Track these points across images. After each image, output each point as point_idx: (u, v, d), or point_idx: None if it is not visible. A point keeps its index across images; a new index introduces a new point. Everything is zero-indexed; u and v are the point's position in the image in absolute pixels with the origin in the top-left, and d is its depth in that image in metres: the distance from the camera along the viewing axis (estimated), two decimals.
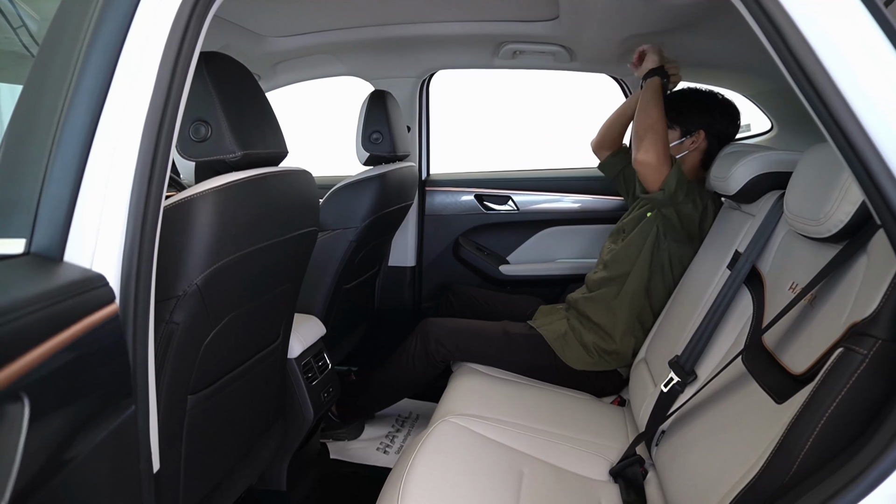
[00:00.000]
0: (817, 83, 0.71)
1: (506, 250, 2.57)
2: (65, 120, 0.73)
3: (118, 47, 0.78)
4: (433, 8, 1.86)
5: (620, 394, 1.85)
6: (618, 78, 2.37)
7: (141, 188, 0.77)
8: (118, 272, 0.73)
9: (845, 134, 0.71)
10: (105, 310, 0.62)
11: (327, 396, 1.72)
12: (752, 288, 1.29)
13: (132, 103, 0.78)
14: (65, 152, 0.72)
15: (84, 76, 0.76)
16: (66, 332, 0.53)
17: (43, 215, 0.69)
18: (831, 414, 0.79)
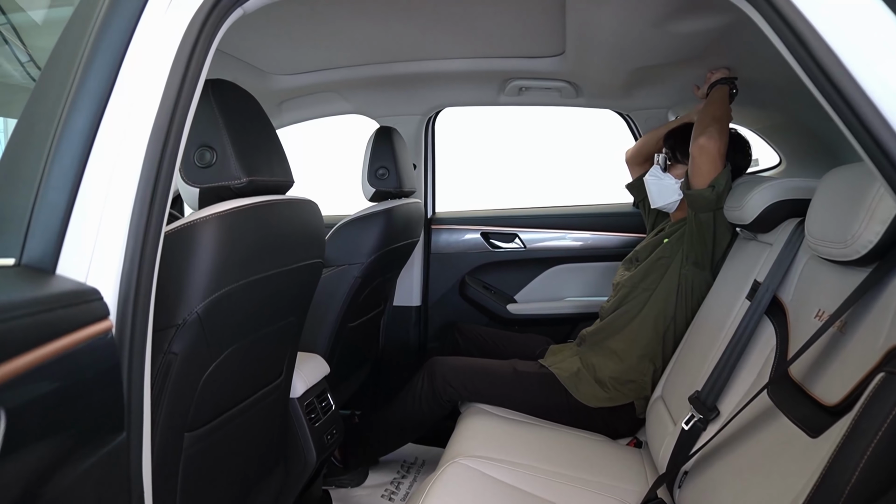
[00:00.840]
0: (846, 92, 0.69)
1: (513, 289, 2.53)
2: (61, 134, 0.71)
3: (115, 68, 0.77)
4: (438, 45, 1.87)
5: (637, 435, 1.77)
6: (623, 113, 2.37)
7: (142, 210, 0.75)
8: (115, 295, 0.69)
9: (878, 141, 0.68)
10: (98, 325, 0.58)
11: (331, 439, 1.65)
12: (774, 318, 1.23)
13: (134, 122, 0.76)
14: (61, 164, 0.69)
15: (80, 95, 0.74)
16: (53, 344, 0.49)
17: (36, 229, 0.65)
18: (878, 443, 0.73)
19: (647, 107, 2.25)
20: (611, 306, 1.88)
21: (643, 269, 1.80)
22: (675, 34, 1.39)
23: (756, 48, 1.53)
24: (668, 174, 1.80)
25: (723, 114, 1.62)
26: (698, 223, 1.64)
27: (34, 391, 0.46)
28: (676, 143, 1.79)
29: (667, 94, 2.15)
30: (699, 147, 1.58)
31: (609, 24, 1.36)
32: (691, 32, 1.37)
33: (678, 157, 1.78)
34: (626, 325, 1.80)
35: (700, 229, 1.64)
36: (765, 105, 1.97)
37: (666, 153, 1.83)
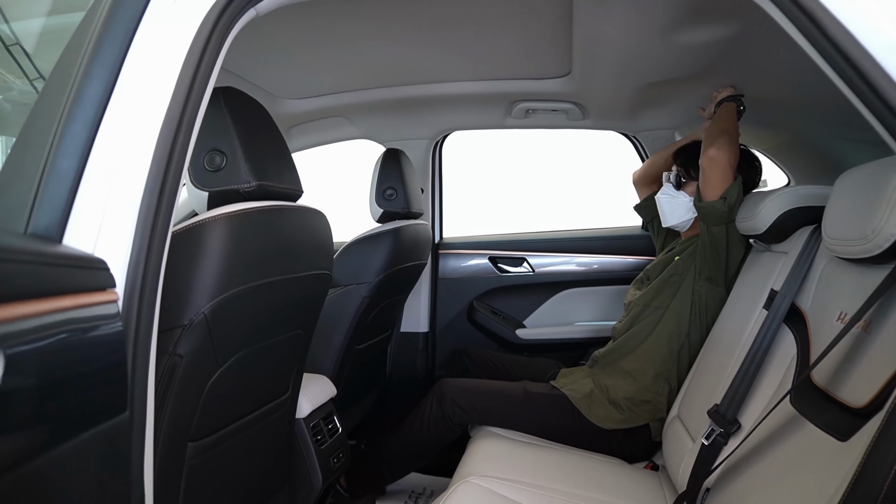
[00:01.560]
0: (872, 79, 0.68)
1: (522, 314, 2.49)
2: (65, 123, 0.70)
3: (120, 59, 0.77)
4: (446, 67, 1.90)
5: (653, 459, 1.71)
6: (630, 135, 2.38)
7: (150, 204, 0.74)
8: (121, 285, 0.68)
9: None
10: (104, 294, 0.57)
11: (337, 462, 1.60)
12: (793, 326, 1.20)
13: (144, 118, 0.76)
14: (64, 158, 0.68)
15: (84, 88, 0.74)
16: (57, 301, 0.47)
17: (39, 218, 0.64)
18: None
19: (654, 128, 2.26)
20: (623, 326, 1.84)
21: (655, 287, 1.78)
22: (681, 46, 1.40)
23: (761, 65, 1.54)
24: (681, 192, 1.79)
25: (731, 127, 1.62)
26: (711, 237, 1.62)
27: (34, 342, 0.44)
28: (688, 160, 1.79)
29: (673, 115, 2.16)
30: (709, 158, 1.58)
31: (616, 36, 1.38)
32: (697, 44, 1.38)
33: (691, 173, 1.77)
34: (639, 345, 1.76)
35: (713, 243, 1.62)
36: (771, 124, 1.97)
37: (678, 171, 1.82)
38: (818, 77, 0.77)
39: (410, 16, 1.50)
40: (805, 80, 1.52)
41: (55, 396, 0.47)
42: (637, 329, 1.78)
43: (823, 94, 1.57)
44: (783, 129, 1.97)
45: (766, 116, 1.93)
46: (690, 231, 1.81)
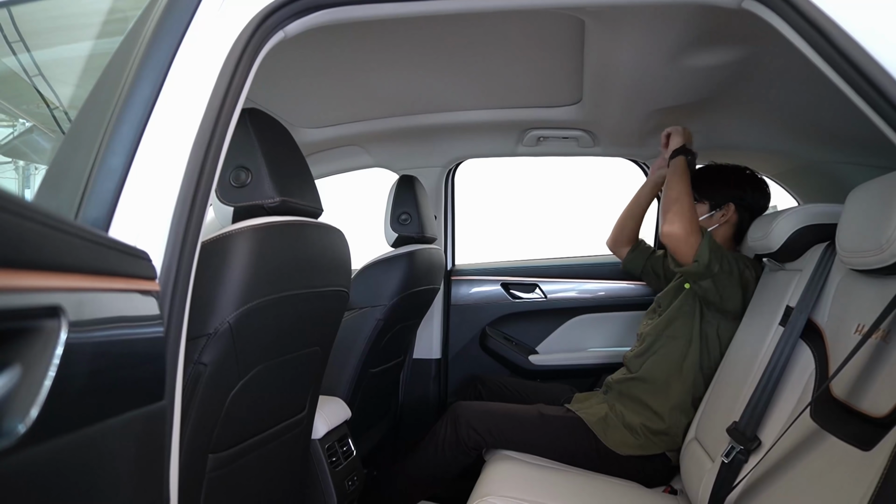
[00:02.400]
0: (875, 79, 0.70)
1: (535, 340, 2.49)
2: (114, 126, 0.74)
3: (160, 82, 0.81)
4: (459, 96, 1.94)
5: (671, 483, 1.69)
6: (639, 161, 2.41)
7: (183, 210, 0.76)
8: None
9: None
10: (147, 283, 0.59)
11: (352, 486, 1.59)
12: (810, 342, 1.20)
13: (178, 133, 0.80)
14: (113, 153, 0.71)
15: (126, 107, 0.78)
16: (109, 280, 0.50)
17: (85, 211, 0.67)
18: None
19: None
20: (636, 355, 1.83)
21: (667, 318, 1.77)
22: (690, 71, 1.44)
23: (769, 91, 1.58)
24: None
25: (679, 192, 1.64)
26: (702, 290, 1.64)
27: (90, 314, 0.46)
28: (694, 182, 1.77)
29: None
30: (666, 236, 1.61)
31: (626, 61, 1.42)
32: (706, 67, 1.41)
33: (696, 196, 1.76)
34: (654, 377, 1.74)
35: (706, 294, 1.64)
36: (781, 150, 2.00)
37: None
38: (826, 102, 0.80)
39: (424, 46, 1.55)
40: (813, 105, 1.56)
41: (105, 370, 0.49)
42: (652, 361, 1.76)
43: (832, 119, 1.60)
44: (792, 154, 2.00)
45: (775, 142, 1.96)
46: None
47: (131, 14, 0.93)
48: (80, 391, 0.44)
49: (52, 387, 0.39)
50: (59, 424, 0.42)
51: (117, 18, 1.49)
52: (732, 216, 1.76)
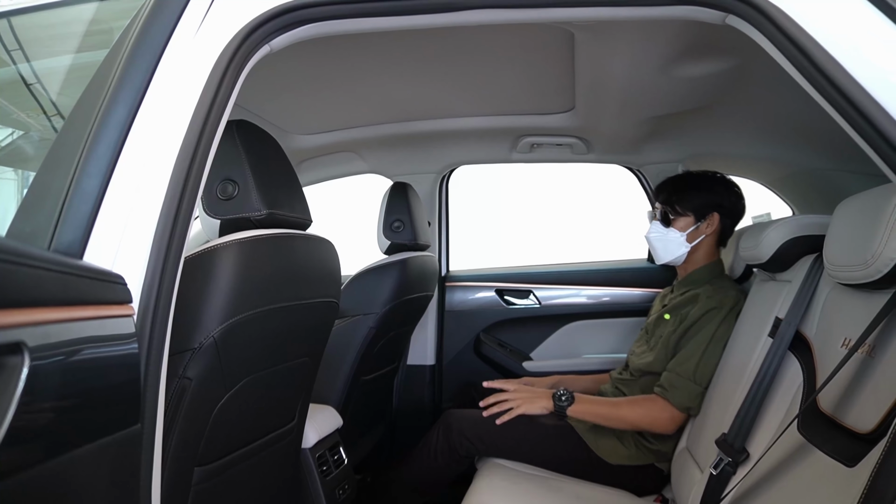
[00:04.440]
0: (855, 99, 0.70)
1: (529, 346, 2.49)
2: (89, 149, 0.74)
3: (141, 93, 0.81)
4: (453, 103, 1.95)
5: (662, 493, 1.69)
6: (633, 168, 2.41)
7: (165, 227, 0.76)
8: (135, 305, 0.70)
9: (893, 146, 0.69)
10: (122, 307, 0.59)
11: (342, 494, 1.58)
12: (798, 354, 1.20)
13: (160, 148, 0.79)
14: (86, 183, 0.71)
15: (105, 121, 0.78)
16: (79, 310, 0.49)
17: (62, 240, 0.67)
18: None
19: (657, 161, 2.29)
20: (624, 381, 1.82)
21: (654, 352, 1.73)
22: (682, 80, 1.44)
23: (762, 99, 1.58)
24: (671, 228, 1.75)
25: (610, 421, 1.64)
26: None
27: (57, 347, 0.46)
28: (673, 195, 1.76)
29: (676, 149, 2.19)
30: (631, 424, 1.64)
31: (618, 72, 1.42)
32: (698, 77, 1.41)
33: (677, 209, 1.75)
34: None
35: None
36: (774, 157, 2.00)
37: (663, 208, 1.78)
38: (817, 110, 0.80)
39: (418, 54, 1.55)
40: (805, 113, 1.55)
41: (74, 400, 0.49)
42: (640, 388, 1.75)
43: (823, 127, 1.60)
44: (785, 162, 2.00)
45: (769, 149, 1.96)
46: (686, 265, 1.80)
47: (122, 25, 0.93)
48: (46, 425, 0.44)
49: (12, 424, 0.39)
50: (22, 460, 0.42)
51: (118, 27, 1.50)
52: (717, 224, 1.75)
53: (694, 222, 1.74)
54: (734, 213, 1.76)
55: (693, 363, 1.58)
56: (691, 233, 1.74)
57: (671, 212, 1.76)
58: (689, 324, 1.63)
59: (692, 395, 1.56)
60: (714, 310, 1.61)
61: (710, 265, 1.76)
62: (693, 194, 1.75)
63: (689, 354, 1.60)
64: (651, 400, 1.62)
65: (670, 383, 1.59)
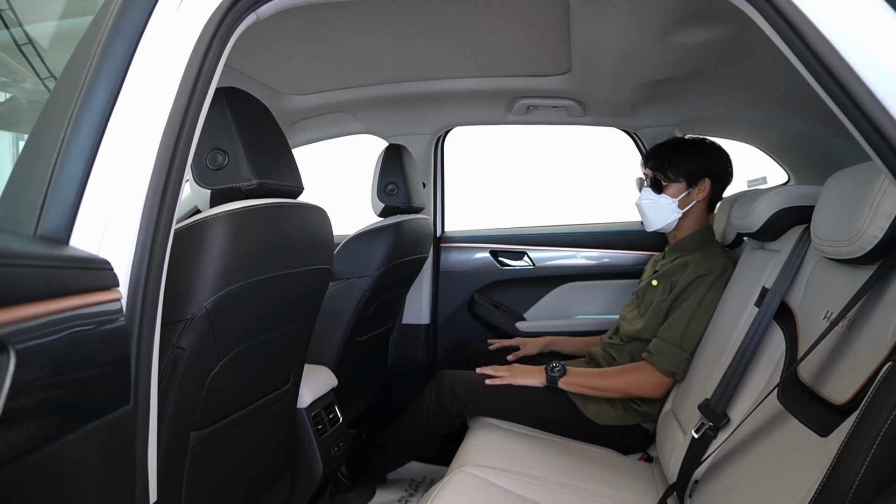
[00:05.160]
0: (848, 86, 0.70)
1: (522, 307, 2.52)
2: (72, 129, 0.73)
3: (125, 65, 0.80)
4: (448, 64, 1.91)
5: (647, 451, 1.74)
6: (630, 131, 2.39)
7: (153, 203, 0.77)
8: (125, 284, 0.71)
9: (883, 135, 0.68)
10: (108, 293, 0.60)
11: (338, 451, 1.63)
12: (782, 324, 1.23)
13: (147, 120, 0.79)
14: (71, 162, 0.71)
15: (89, 97, 0.77)
16: (64, 301, 0.51)
17: (48, 221, 0.67)
18: (884, 436, 0.72)
19: (654, 125, 2.27)
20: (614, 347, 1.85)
21: (644, 319, 1.76)
22: (677, 46, 1.41)
23: (759, 64, 1.55)
24: (663, 195, 1.75)
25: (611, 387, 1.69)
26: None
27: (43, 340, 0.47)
28: (664, 161, 1.75)
29: (673, 112, 2.17)
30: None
31: (612, 39, 1.39)
32: (694, 44, 1.39)
33: (670, 176, 1.74)
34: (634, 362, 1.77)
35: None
36: (771, 122, 1.98)
37: (656, 176, 1.76)
38: None
39: (413, 14, 1.51)
40: (802, 80, 1.53)
41: (62, 389, 0.51)
42: (629, 354, 1.79)
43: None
44: (782, 127, 1.98)
45: (766, 115, 1.94)
46: (677, 232, 1.81)
47: None
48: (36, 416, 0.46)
49: (2, 418, 0.41)
50: (14, 451, 0.43)
51: None
52: (708, 190, 1.76)
53: (686, 188, 1.74)
54: (724, 179, 1.77)
55: (680, 330, 1.61)
56: (683, 199, 1.74)
57: (663, 178, 1.75)
58: (678, 291, 1.66)
59: (677, 361, 1.60)
60: (703, 277, 1.63)
61: (700, 231, 1.78)
62: (685, 160, 1.74)
63: (676, 321, 1.63)
64: (638, 368, 1.66)
65: (657, 349, 1.63)
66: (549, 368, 1.74)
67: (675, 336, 1.62)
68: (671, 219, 1.76)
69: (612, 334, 1.91)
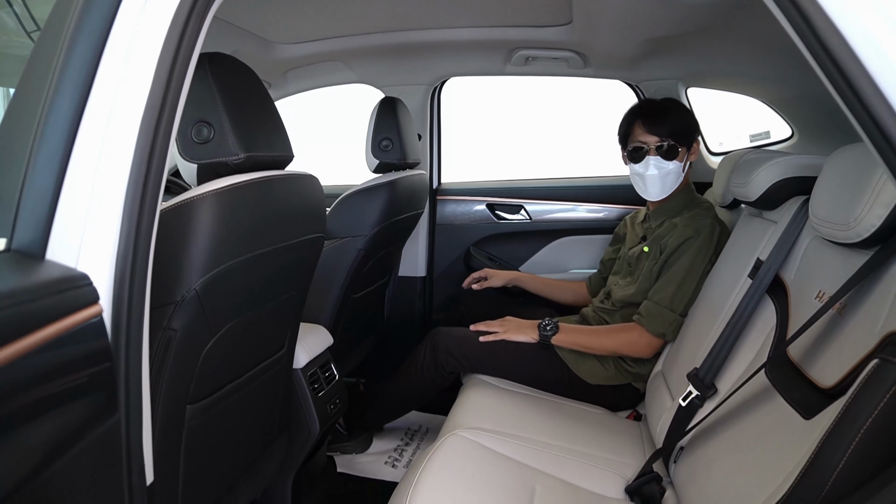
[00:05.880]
0: (849, 73, 0.67)
1: (518, 260, 2.53)
2: (48, 112, 0.70)
3: (101, 42, 0.76)
4: (444, 14, 1.83)
5: (636, 408, 1.79)
6: (632, 84, 2.32)
7: (136, 188, 0.74)
8: (110, 272, 0.70)
9: (880, 126, 0.66)
10: (87, 311, 0.59)
11: (334, 409, 1.67)
12: (775, 298, 1.23)
13: (125, 99, 0.75)
14: (48, 144, 0.69)
15: (66, 71, 0.74)
16: (39, 333, 0.50)
17: (24, 211, 0.65)
18: (867, 430, 0.74)
19: (656, 78, 2.20)
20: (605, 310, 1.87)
21: (637, 284, 1.77)
22: (683, 5, 1.35)
23: (765, 18, 1.48)
24: (674, 161, 1.70)
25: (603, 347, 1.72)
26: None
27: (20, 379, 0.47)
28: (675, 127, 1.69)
29: (676, 65, 2.10)
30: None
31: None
32: (700, 3, 1.33)
33: (680, 140, 1.69)
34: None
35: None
36: (777, 77, 1.92)
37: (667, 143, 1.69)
38: None
39: None
40: None
41: (45, 416, 0.50)
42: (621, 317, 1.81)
43: None
44: (789, 81, 1.92)
45: (772, 68, 1.87)
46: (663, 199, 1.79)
47: None
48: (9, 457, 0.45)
49: None
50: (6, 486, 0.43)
51: None
52: (697, 150, 1.76)
53: (686, 151, 1.72)
54: (700, 133, 1.81)
55: (670, 291, 1.63)
56: (684, 163, 1.72)
57: (679, 144, 1.70)
58: (667, 254, 1.67)
59: (667, 322, 1.62)
60: (691, 239, 1.64)
61: (685, 189, 1.78)
62: (682, 122, 1.72)
63: (666, 283, 1.65)
64: (630, 328, 1.68)
65: (647, 311, 1.65)
66: (542, 326, 1.76)
67: (665, 298, 1.63)
68: (676, 184, 1.74)
69: (604, 299, 1.92)
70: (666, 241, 1.69)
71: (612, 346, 1.70)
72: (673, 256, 1.66)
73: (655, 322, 1.63)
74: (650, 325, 1.64)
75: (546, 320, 1.76)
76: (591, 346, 1.72)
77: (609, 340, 1.71)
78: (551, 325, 1.75)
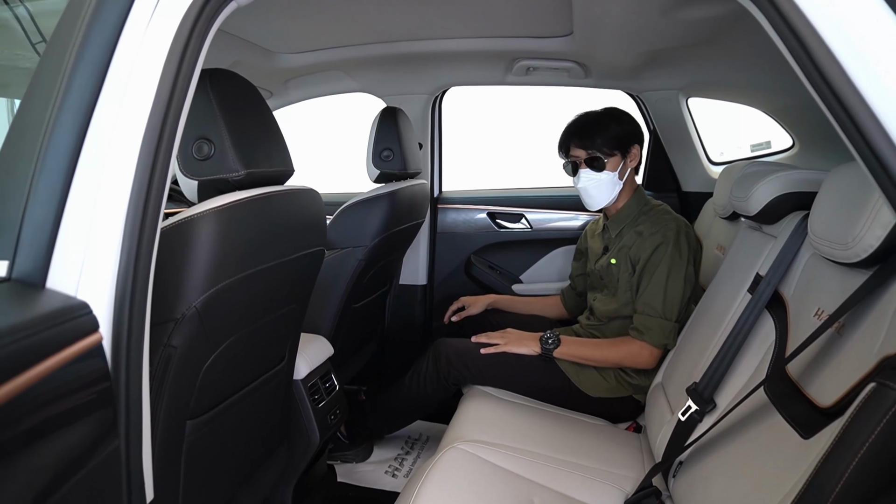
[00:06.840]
0: (844, 97, 0.67)
1: (519, 269, 2.53)
2: (49, 138, 0.71)
3: (104, 67, 0.77)
4: (445, 24, 1.84)
5: (636, 419, 1.79)
6: (633, 94, 2.33)
7: (136, 210, 0.75)
8: (110, 296, 0.70)
9: (875, 152, 0.66)
10: (86, 340, 0.59)
11: (334, 419, 1.68)
12: (774, 313, 1.23)
13: (126, 121, 0.76)
14: (49, 171, 0.69)
15: (69, 95, 0.74)
16: (38, 367, 0.50)
17: (25, 239, 0.66)
18: (865, 453, 0.74)
19: (658, 88, 2.21)
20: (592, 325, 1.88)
21: (617, 298, 1.79)
22: (682, 21, 1.35)
23: (764, 33, 1.48)
24: (604, 171, 1.75)
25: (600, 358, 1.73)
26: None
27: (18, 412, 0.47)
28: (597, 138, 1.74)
29: (677, 76, 2.10)
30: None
31: (616, 9, 1.33)
32: (700, 19, 1.33)
33: (605, 151, 1.74)
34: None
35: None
36: (778, 87, 1.93)
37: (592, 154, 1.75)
38: None
39: None
40: None
41: (43, 445, 0.51)
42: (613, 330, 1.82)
43: None
44: (790, 92, 1.92)
45: (772, 79, 1.88)
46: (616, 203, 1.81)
47: None
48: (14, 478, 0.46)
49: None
50: None
51: None
52: (639, 155, 1.79)
53: (621, 159, 1.76)
54: (643, 140, 1.80)
55: (659, 301, 1.65)
56: (620, 170, 1.75)
57: (604, 155, 1.75)
58: (642, 264, 1.70)
59: (666, 332, 1.64)
60: (662, 245, 1.67)
61: (635, 196, 1.81)
62: (610, 131, 1.74)
63: (653, 294, 1.66)
64: (630, 341, 1.69)
65: (644, 325, 1.66)
66: (544, 339, 1.77)
67: (657, 308, 1.65)
68: (614, 192, 1.78)
69: (589, 315, 1.93)
70: (635, 251, 1.72)
71: (615, 358, 1.71)
72: (649, 265, 1.69)
73: (655, 335, 1.64)
74: (651, 339, 1.65)
75: (548, 333, 1.77)
76: (594, 359, 1.73)
77: (611, 353, 1.71)
78: (553, 338, 1.76)
